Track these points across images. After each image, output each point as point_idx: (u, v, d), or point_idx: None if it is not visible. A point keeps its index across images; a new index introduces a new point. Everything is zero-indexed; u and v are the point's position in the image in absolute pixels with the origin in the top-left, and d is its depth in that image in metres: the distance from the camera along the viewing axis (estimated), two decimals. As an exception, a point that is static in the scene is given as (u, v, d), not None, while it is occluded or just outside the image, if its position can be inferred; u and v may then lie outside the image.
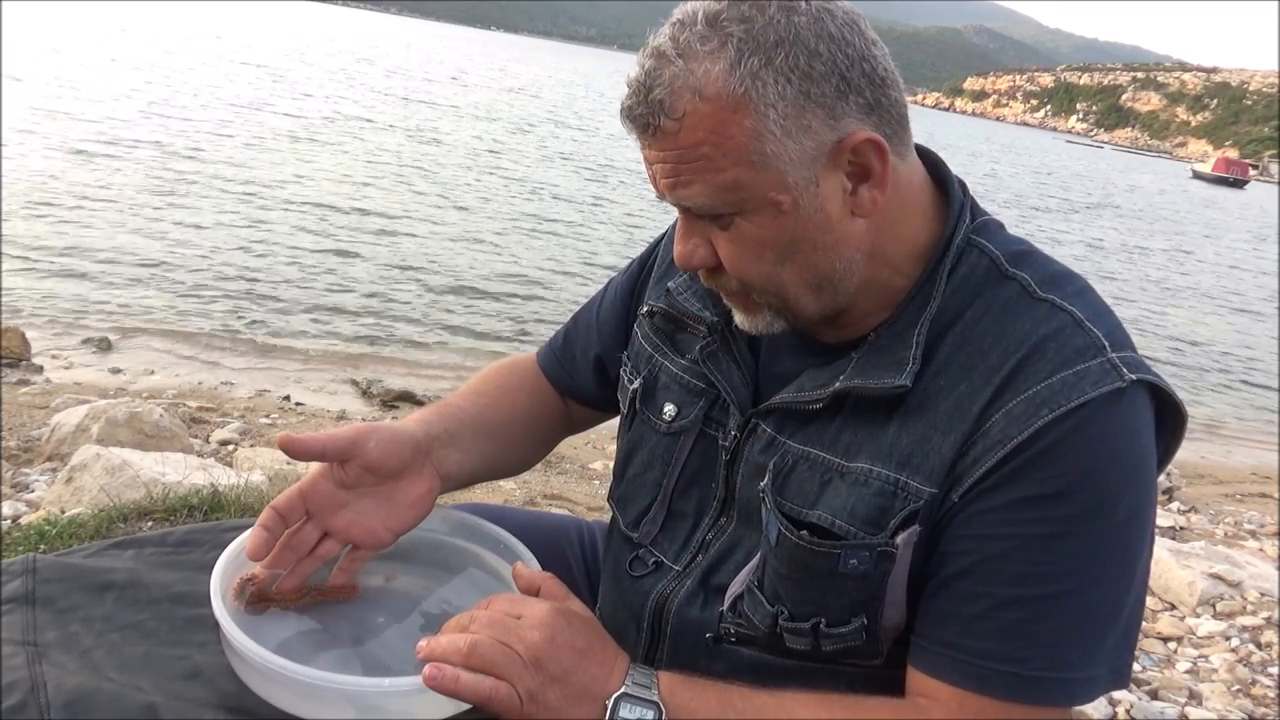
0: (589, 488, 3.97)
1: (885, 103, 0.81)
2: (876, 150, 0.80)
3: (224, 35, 43.82)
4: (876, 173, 0.81)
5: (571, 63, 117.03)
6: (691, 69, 0.77)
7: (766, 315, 0.89)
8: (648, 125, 0.80)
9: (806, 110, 0.77)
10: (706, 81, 0.77)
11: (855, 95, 0.78)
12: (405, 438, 0.96)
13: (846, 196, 0.82)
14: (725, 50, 0.76)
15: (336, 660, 0.89)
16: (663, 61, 0.78)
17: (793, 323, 0.89)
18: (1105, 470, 0.77)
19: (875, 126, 0.80)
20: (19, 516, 2.71)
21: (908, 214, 0.86)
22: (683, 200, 0.83)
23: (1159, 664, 2.68)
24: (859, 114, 0.79)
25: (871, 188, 0.82)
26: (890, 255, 0.87)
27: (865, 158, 0.80)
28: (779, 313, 0.89)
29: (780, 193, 0.80)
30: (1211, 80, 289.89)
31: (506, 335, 7.67)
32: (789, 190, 0.80)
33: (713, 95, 0.77)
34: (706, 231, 0.85)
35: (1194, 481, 5.52)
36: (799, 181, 0.79)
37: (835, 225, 0.82)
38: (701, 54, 0.77)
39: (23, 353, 5.28)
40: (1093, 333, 0.81)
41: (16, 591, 0.88)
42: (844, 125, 0.79)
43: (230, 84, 22.21)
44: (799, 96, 0.77)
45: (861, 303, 0.89)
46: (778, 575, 0.88)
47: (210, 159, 12.36)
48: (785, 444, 0.89)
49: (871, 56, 0.80)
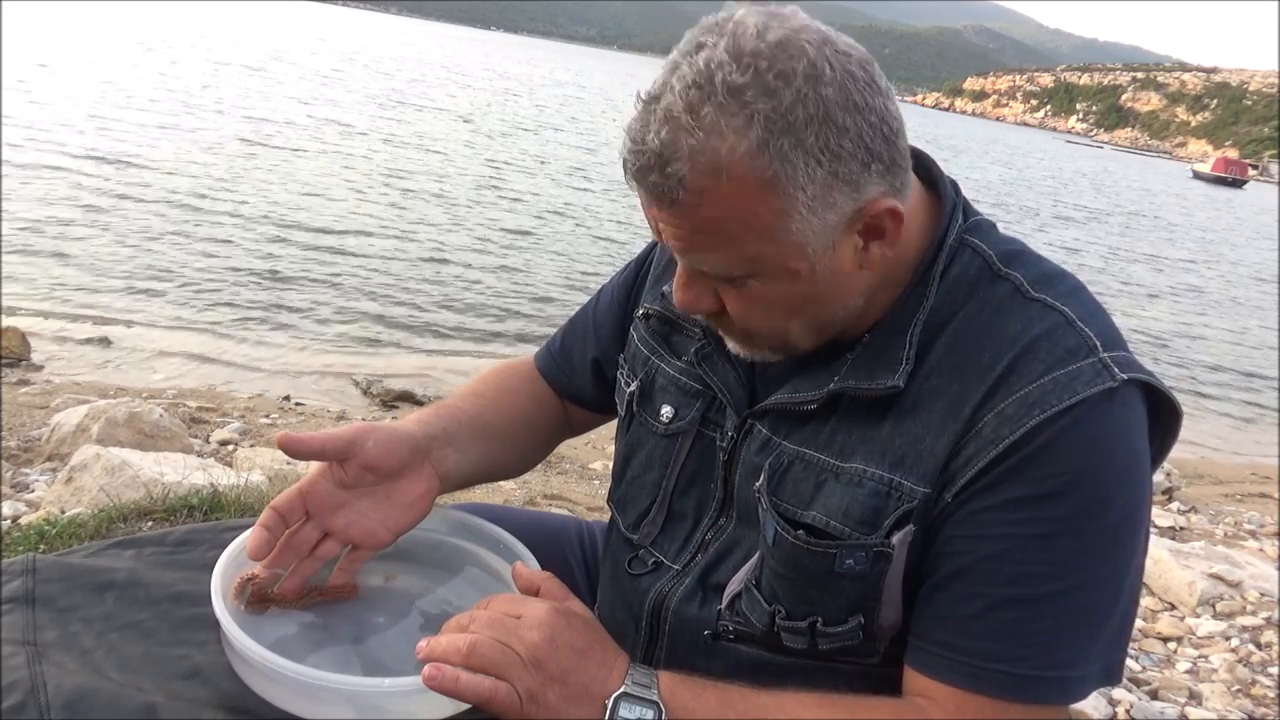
0: (589, 488, 3.97)
1: (897, 156, 0.80)
2: (893, 216, 0.80)
3: (245, 38, 43.77)
4: (889, 233, 0.81)
5: (578, 63, 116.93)
6: (714, 145, 0.73)
7: (764, 351, 0.91)
8: (663, 197, 0.76)
9: (833, 189, 0.76)
10: (732, 161, 0.73)
11: (876, 163, 0.77)
12: (404, 437, 0.96)
13: (858, 252, 0.82)
14: (752, 128, 0.72)
15: (336, 660, 0.89)
16: (679, 131, 0.73)
17: (786, 353, 0.90)
18: (1098, 470, 0.78)
19: (890, 186, 0.79)
20: (19, 516, 2.71)
21: (906, 240, 0.86)
22: (695, 264, 0.82)
23: (1159, 664, 2.68)
24: (878, 179, 0.78)
25: (883, 246, 0.82)
26: (887, 280, 0.87)
27: (882, 222, 0.80)
28: (777, 350, 0.90)
29: (799, 262, 0.80)
30: (1211, 80, 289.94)
31: (507, 335, 7.68)
32: (807, 259, 0.79)
33: (738, 175, 0.73)
34: (712, 283, 0.84)
35: (1194, 481, 5.52)
36: (818, 250, 0.79)
37: (845, 280, 0.83)
38: (725, 129, 0.72)
39: (23, 353, 5.29)
40: (1085, 332, 0.81)
41: (16, 591, 0.88)
42: (865, 194, 0.78)
43: (233, 85, 22.21)
44: (827, 177, 0.75)
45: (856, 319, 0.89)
46: (775, 575, 0.88)
47: (209, 159, 12.37)
48: (781, 444, 0.90)
49: (887, 112, 0.78)
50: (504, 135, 22.18)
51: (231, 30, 49.50)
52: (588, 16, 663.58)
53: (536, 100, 37.49)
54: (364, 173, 13.57)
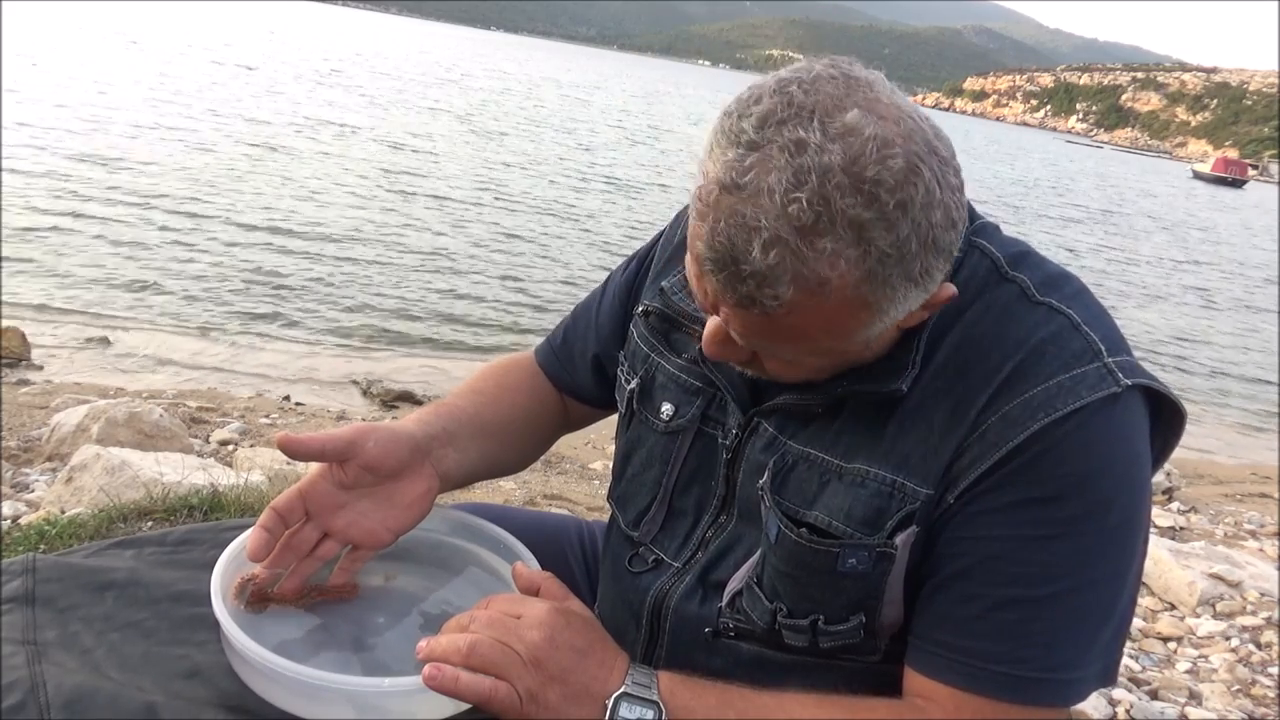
0: (589, 488, 3.97)
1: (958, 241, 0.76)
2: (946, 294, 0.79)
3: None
4: (934, 306, 0.80)
5: (578, 63, 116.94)
6: (825, 274, 0.69)
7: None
8: (751, 306, 0.72)
9: (912, 296, 0.74)
10: (840, 286, 0.70)
11: (946, 261, 0.75)
12: (404, 437, 0.96)
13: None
14: (867, 260, 0.69)
15: (336, 660, 0.89)
16: (788, 255, 0.68)
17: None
18: (1100, 474, 0.78)
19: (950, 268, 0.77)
20: (19, 516, 2.71)
21: None
22: (754, 347, 0.81)
23: (1159, 664, 2.68)
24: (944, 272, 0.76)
25: (923, 310, 0.79)
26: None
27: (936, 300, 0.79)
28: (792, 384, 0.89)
29: (859, 351, 0.81)
30: (1211, 80, 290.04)
31: (507, 335, 7.68)
32: (869, 347, 0.81)
33: (840, 298, 0.71)
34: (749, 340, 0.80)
35: (1194, 481, 5.52)
36: (874, 338, 0.79)
37: (883, 343, 0.83)
38: (840, 261, 0.68)
39: (23, 353, 5.29)
40: (1089, 336, 0.82)
41: (16, 591, 0.88)
42: (933, 288, 0.76)
43: (233, 85, 22.21)
44: (911, 287, 0.73)
45: None
46: (777, 573, 0.88)
47: (209, 160, 12.37)
48: (786, 444, 0.90)
49: (959, 202, 0.74)
50: (504, 136, 22.18)
51: (232, 31, 49.48)
52: (588, 16, 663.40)
53: (536, 101, 37.50)
54: (364, 174, 13.56)
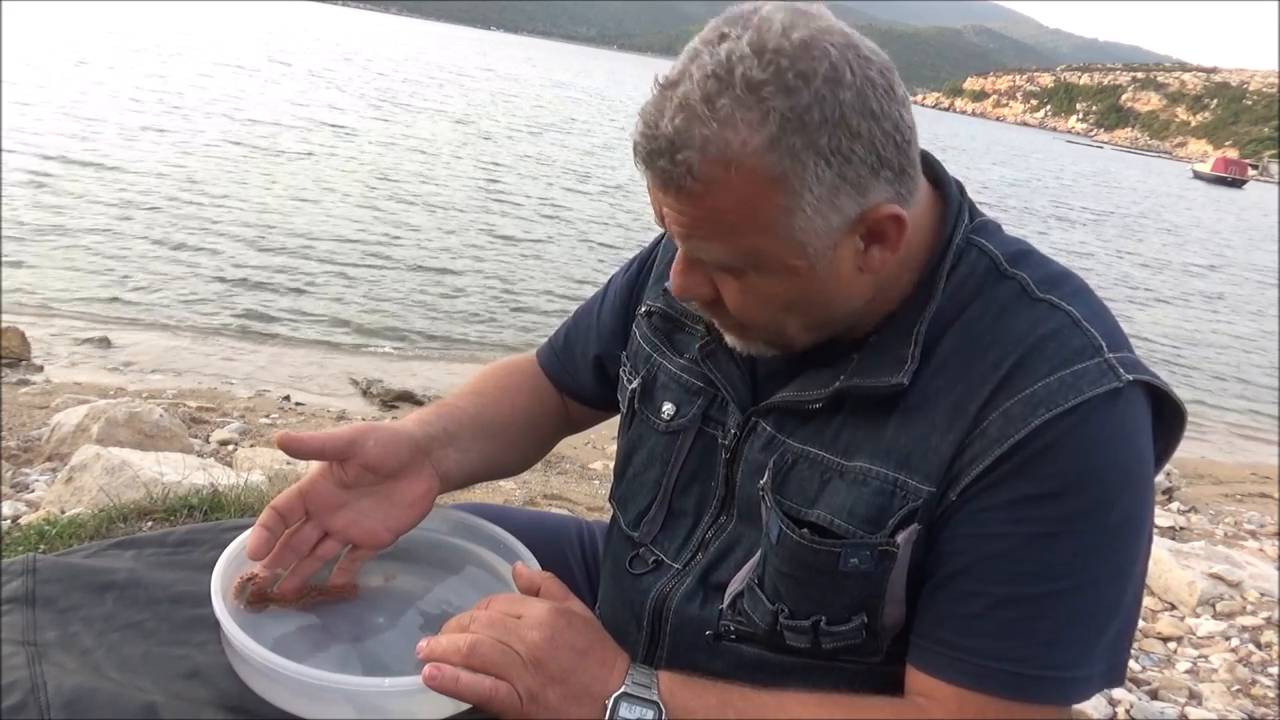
0: (589, 488, 3.97)
1: (906, 164, 0.80)
2: (896, 222, 0.80)
3: (245, 39, 43.64)
4: (891, 239, 0.81)
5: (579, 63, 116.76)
6: (727, 137, 0.73)
7: (759, 344, 0.91)
8: (670, 182, 0.77)
9: (840, 191, 0.76)
10: (743, 154, 0.73)
11: (886, 169, 0.77)
12: (404, 437, 0.96)
13: (858, 255, 0.82)
14: (766, 124, 0.72)
15: (336, 660, 0.89)
16: (693, 120, 0.73)
17: (785, 349, 0.90)
18: (1102, 470, 0.78)
19: (897, 193, 0.79)
20: (19, 516, 2.71)
21: (910, 243, 0.85)
22: (695, 253, 0.83)
23: (1159, 664, 2.68)
24: (886, 185, 0.78)
25: (884, 249, 0.82)
26: (890, 283, 0.87)
27: (885, 228, 0.80)
28: (772, 344, 0.90)
29: (798, 259, 0.79)
30: (1211, 80, 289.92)
31: (508, 335, 7.68)
32: (807, 257, 0.79)
33: (748, 169, 0.74)
34: (711, 273, 0.84)
35: (1194, 481, 5.52)
36: (818, 249, 0.79)
37: (844, 282, 0.83)
38: (739, 122, 0.73)
39: (23, 353, 5.29)
40: (1090, 332, 0.81)
41: (16, 591, 0.88)
42: (870, 199, 0.78)
43: (231, 86, 22.20)
44: (835, 179, 0.75)
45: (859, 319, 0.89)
46: (778, 573, 0.88)
47: (208, 161, 12.37)
48: (785, 443, 0.90)
49: (901, 120, 0.78)
50: (504, 137, 22.16)
51: (231, 31, 49.46)
52: (588, 16, 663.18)
53: (535, 101, 37.46)
54: (365, 175, 13.58)
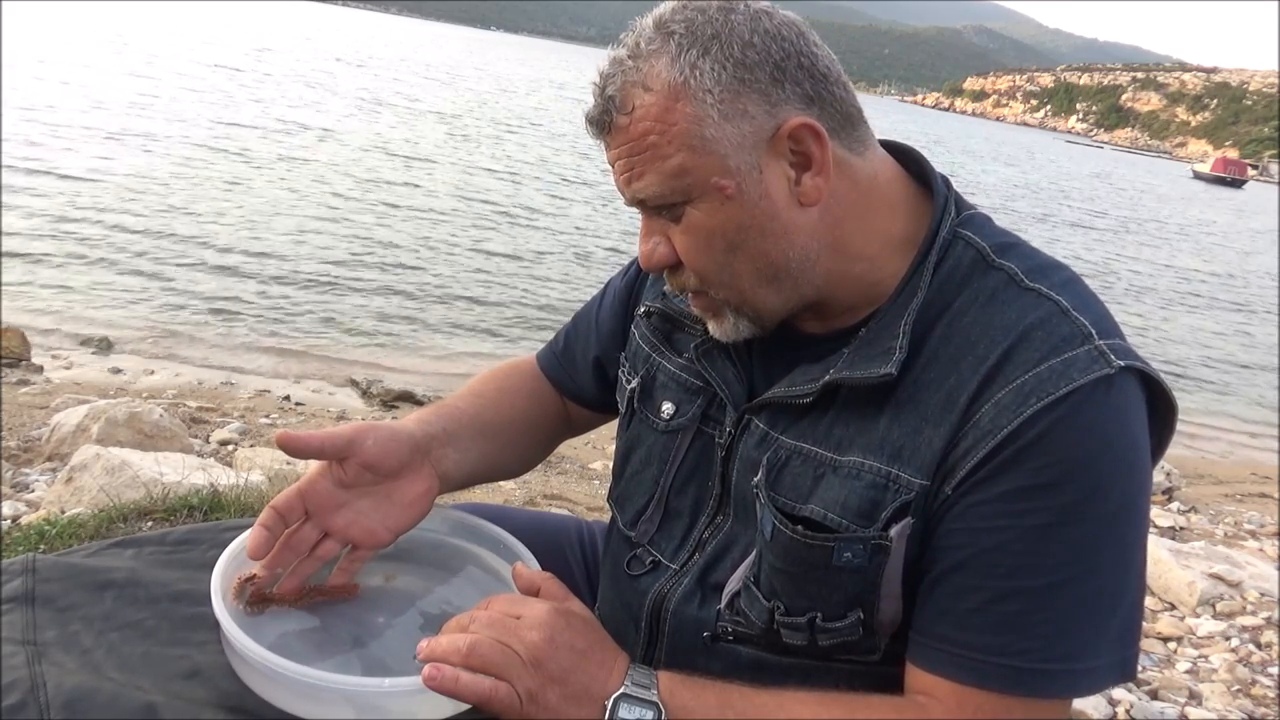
0: (589, 488, 3.97)
1: (827, 97, 0.84)
2: (814, 136, 0.83)
3: (246, 39, 43.62)
4: (817, 159, 0.83)
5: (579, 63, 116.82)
6: (639, 66, 0.83)
7: (730, 318, 0.91)
8: (603, 123, 0.86)
9: (742, 95, 0.81)
10: (651, 76, 0.83)
11: (792, 85, 0.83)
12: (404, 436, 0.96)
13: (791, 185, 0.84)
14: (668, 46, 0.83)
15: (336, 660, 0.89)
16: (617, 64, 0.85)
17: (756, 321, 0.91)
18: (1096, 458, 0.77)
19: (816, 117, 0.83)
20: (19, 516, 2.71)
21: (873, 207, 0.88)
22: (637, 193, 0.86)
23: (1159, 664, 2.68)
24: (798, 103, 0.83)
25: (814, 175, 0.84)
26: (859, 248, 0.88)
27: (805, 145, 0.83)
28: (739, 311, 0.90)
29: (723, 177, 0.83)
30: (1211, 80, 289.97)
31: (508, 334, 7.68)
32: (731, 175, 0.83)
33: (657, 87, 0.82)
34: (663, 228, 0.89)
35: (1194, 481, 5.52)
36: (741, 166, 0.83)
37: (781, 213, 0.85)
38: (648, 53, 0.83)
39: (23, 353, 5.28)
40: (1079, 320, 0.81)
41: (16, 591, 0.88)
42: (781, 113, 0.82)
43: (232, 87, 22.20)
44: (734, 82, 0.81)
45: (841, 295, 0.90)
46: (773, 570, 0.88)
47: (208, 158, 12.36)
48: (778, 439, 0.90)
49: (811, 54, 0.84)
50: (502, 138, 22.16)
51: (232, 31, 49.43)
52: (588, 16, 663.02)
53: (535, 101, 37.47)
54: (365, 175, 13.57)
